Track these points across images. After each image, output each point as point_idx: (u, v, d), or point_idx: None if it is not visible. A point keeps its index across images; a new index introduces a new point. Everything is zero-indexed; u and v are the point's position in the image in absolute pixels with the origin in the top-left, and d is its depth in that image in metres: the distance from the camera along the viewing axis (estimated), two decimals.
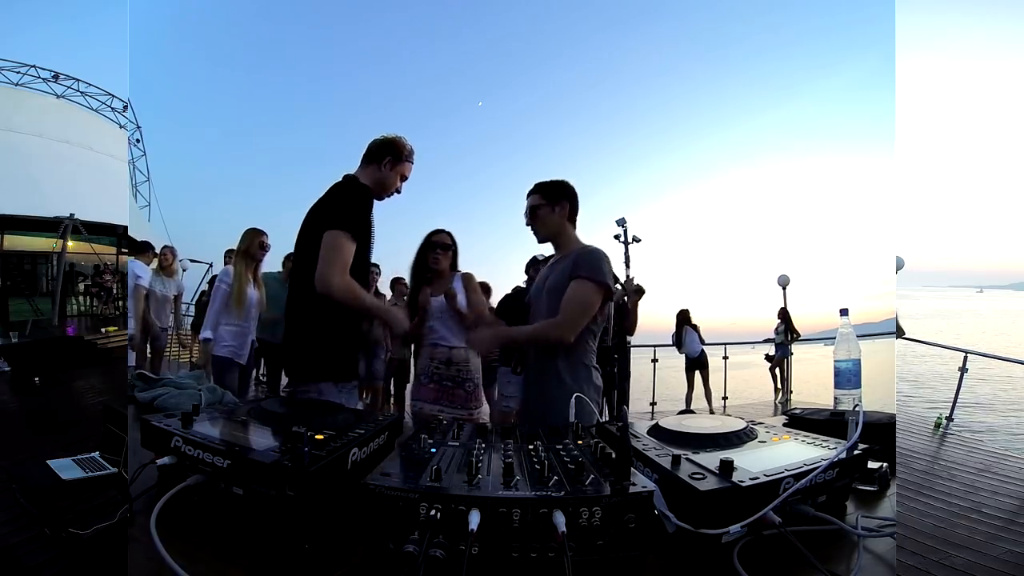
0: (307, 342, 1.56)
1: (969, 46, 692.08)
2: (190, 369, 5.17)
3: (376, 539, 0.62)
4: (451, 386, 2.30)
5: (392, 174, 1.67)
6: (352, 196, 1.59)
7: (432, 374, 2.32)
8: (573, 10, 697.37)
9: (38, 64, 13.47)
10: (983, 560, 2.20)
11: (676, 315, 6.23)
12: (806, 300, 6.65)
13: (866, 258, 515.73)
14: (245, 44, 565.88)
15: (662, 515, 0.71)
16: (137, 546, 0.69)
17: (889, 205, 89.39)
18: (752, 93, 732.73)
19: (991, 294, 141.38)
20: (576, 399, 1.27)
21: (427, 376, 2.32)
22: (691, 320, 6.21)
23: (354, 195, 1.59)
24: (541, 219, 1.72)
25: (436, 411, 2.25)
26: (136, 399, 1.60)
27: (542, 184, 1.73)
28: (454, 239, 2.44)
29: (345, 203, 1.56)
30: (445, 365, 2.30)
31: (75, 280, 12.49)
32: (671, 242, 59.44)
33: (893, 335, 5.56)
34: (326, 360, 1.55)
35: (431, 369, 2.32)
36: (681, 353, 6.22)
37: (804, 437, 0.96)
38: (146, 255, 4.15)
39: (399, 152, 1.67)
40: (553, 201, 1.70)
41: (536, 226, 1.74)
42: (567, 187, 1.73)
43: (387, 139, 1.69)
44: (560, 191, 1.71)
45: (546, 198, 1.71)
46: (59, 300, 10.90)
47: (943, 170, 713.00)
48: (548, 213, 1.70)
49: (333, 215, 1.53)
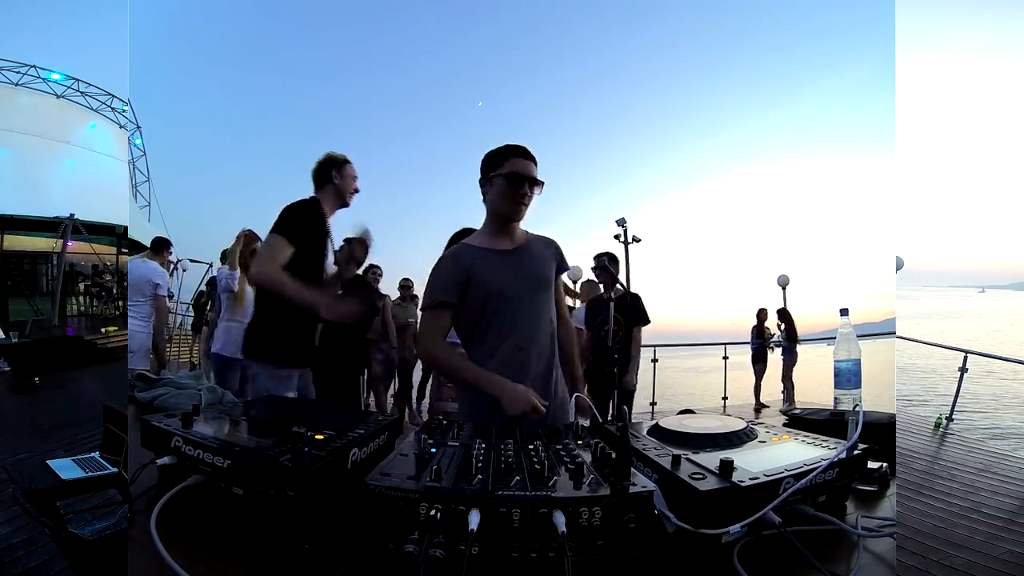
0: (251, 326, 1.89)
1: (969, 46, 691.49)
2: (190, 369, 5.17)
3: (376, 539, 0.62)
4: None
5: (344, 181, 1.93)
6: (291, 208, 1.84)
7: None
8: (573, 10, 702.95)
9: (38, 64, 13.48)
10: (983, 560, 2.20)
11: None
12: (806, 300, 6.61)
13: (866, 258, 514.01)
14: (245, 44, 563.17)
15: (662, 515, 0.71)
16: (137, 546, 0.69)
17: (889, 205, 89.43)
18: (752, 93, 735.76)
19: (992, 294, 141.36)
20: (576, 399, 1.27)
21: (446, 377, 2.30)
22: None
23: (293, 208, 1.84)
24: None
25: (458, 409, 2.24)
26: (136, 399, 1.61)
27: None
28: None
29: (285, 213, 1.82)
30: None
31: (75, 280, 12.49)
32: (671, 242, 58.12)
33: (893, 335, 5.55)
34: (259, 342, 1.83)
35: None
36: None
37: (804, 437, 0.96)
38: (162, 255, 3.92)
39: (338, 162, 1.93)
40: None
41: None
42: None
43: (323, 158, 1.94)
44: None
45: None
46: (59, 300, 10.90)
47: (943, 170, 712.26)
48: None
49: (275, 223, 1.80)
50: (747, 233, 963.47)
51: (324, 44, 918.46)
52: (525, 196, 1.45)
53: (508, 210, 1.46)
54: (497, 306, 1.44)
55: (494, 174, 1.45)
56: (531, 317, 1.48)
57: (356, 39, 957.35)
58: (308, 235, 1.82)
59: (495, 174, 1.45)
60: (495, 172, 1.45)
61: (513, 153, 1.45)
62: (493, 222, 1.51)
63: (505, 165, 1.44)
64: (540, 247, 1.55)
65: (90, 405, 4.68)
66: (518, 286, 1.46)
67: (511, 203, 1.45)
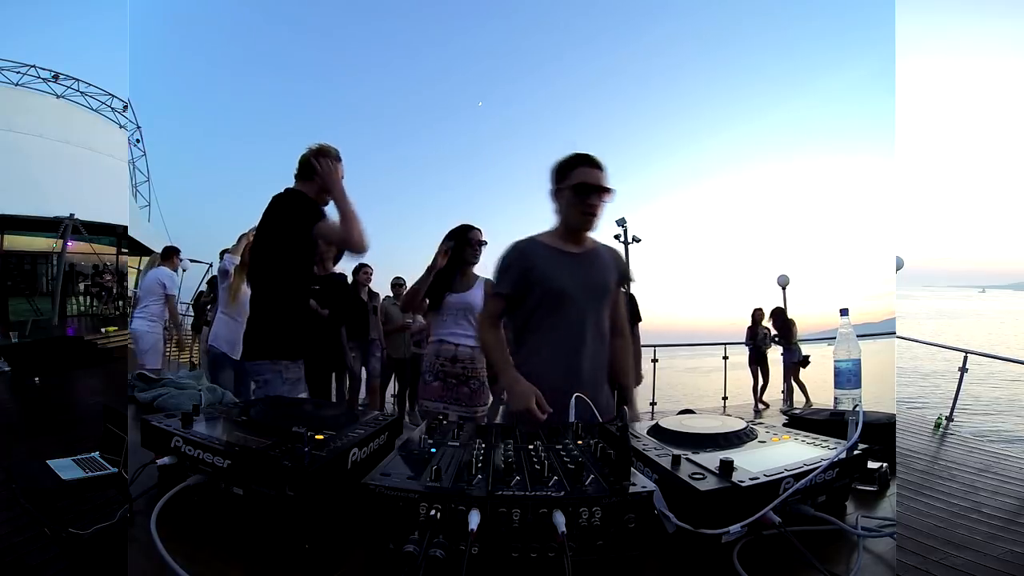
0: (250, 324, 1.83)
1: (969, 46, 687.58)
2: (190, 369, 5.18)
3: (376, 539, 0.62)
4: (455, 383, 2.29)
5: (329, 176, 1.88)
6: (292, 203, 1.80)
7: (437, 372, 2.30)
8: (574, 10, 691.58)
9: (38, 64, 13.49)
10: (983, 560, 2.20)
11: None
12: (806, 300, 6.57)
13: (866, 258, 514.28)
14: (245, 44, 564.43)
15: (662, 515, 0.71)
16: (137, 546, 0.69)
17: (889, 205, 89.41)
18: (753, 93, 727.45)
19: (992, 294, 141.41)
20: (576, 399, 1.27)
21: (432, 374, 2.31)
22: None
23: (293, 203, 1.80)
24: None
25: (441, 408, 2.23)
26: (136, 399, 1.60)
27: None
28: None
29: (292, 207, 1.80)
30: (451, 362, 2.29)
31: (75, 280, 12.49)
32: (671, 242, 58.09)
33: (893, 335, 5.55)
34: (260, 339, 1.80)
35: (437, 367, 2.30)
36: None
37: (804, 437, 0.96)
38: (171, 260, 4.29)
39: (328, 155, 1.85)
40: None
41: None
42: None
43: (314, 149, 1.85)
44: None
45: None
46: (59, 300, 10.90)
47: (943, 170, 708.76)
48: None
49: (288, 217, 1.78)
50: (747, 233, 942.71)
51: (324, 44, 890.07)
52: (595, 207, 1.43)
53: (578, 222, 1.45)
54: (554, 305, 1.44)
55: (562, 186, 1.44)
56: (586, 321, 1.47)
57: (356, 39, 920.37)
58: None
59: (563, 186, 1.43)
60: (563, 184, 1.43)
61: (580, 163, 1.43)
62: (564, 230, 1.50)
63: (572, 176, 1.42)
64: (606, 256, 1.55)
65: (90, 405, 4.69)
66: (577, 289, 1.45)
67: (580, 215, 1.43)
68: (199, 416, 0.91)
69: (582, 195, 1.41)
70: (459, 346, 2.30)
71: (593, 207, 1.43)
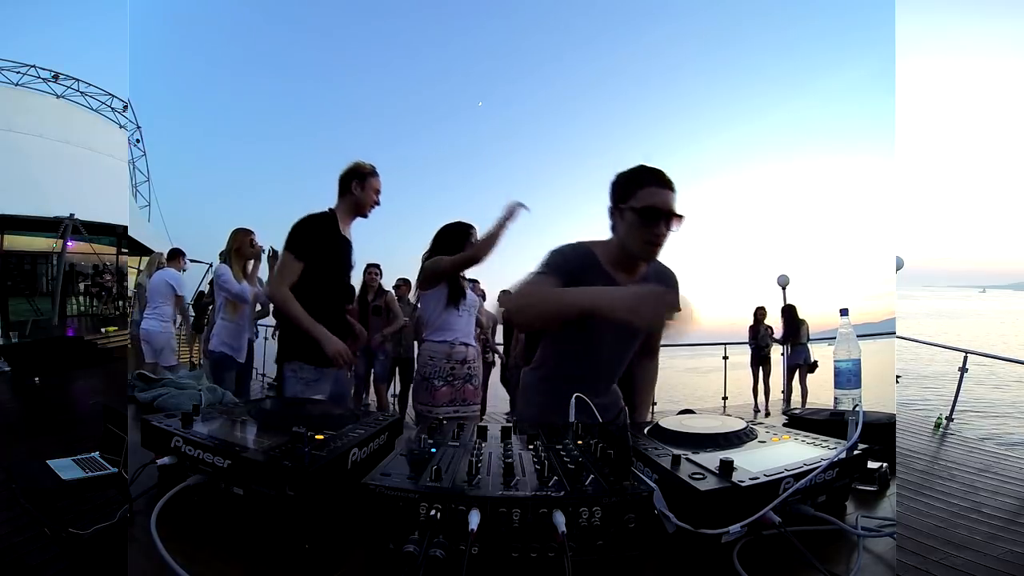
0: (282, 330, 1.98)
1: (969, 46, 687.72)
2: (190, 369, 5.18)
3: (376, 539, 0.62)
4: (461, 383, 2.28)
5: (365, 193, 1.98)
6: (299, 224, 1.91)
7: (446, 375, 2.24)
8: (574, 10, 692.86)
9: (38, 64, 13.48)
10: (983, 560, 2.20)
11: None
12: (806, 300, 6.53)
13: (866, 258, 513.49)
14: (245, 44, 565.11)
15: (662, 515, 0.71)
16: (137, 546, 0.69)
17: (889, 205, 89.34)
18: (753, 94, 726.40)
19: (993, 294, 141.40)
20: (576, 399, 1.27)
21: (441, 378, 2.24)
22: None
23: (301, 223, 1.91)
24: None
25: (450, 413, 2.21)
26: (136, 399, 1.60)
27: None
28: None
29: (293, 230, 1.91)
30: (460, 364, 2.28)
31: (75, 280, 12.49)
32: (671, 242, 59.64)
33: (893, 335, 5.55)
34: (294, 344, 1.90)
35: (447, 369, 2.24)
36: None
37: (804, 437, 0.96)
38: (177, 261, 4.39)
39: (362, 173, 1.97)
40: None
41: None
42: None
43: (349, 168, 1.98)
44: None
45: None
46: (59, 300, 10.90)
47: (943, 170, 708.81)
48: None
49: (286, 240, 1.90)
50: (747, 233, 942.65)
51: (324, 44, 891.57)
52: (661, 237, 1.23)
53: (640, 250, 1.26)
54: (588, 337, 1.30)
55: (624, 205, 1.24)
56: (614, 351, 1.38)
57: (356, 39, 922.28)
58: (318, 248, 1.89)
59: (625, 205, 1.24)
60: (625, 203, 1.24)
61: (649, 181, 1.23)
62: (620, 253, 1.30)
63: (639, 196, 1.22)
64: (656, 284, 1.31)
65: (90, 405, 4.69)
66: (619, 328, 1.27)
67: (643, 243, 1.24)
68: (199, 416, 0.91)
69: (648, 221, 1.21)
70: (469, 346, 2.31)
71: (660, 236, 1.23)
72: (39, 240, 11.54)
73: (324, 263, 1.92)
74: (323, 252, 1.92)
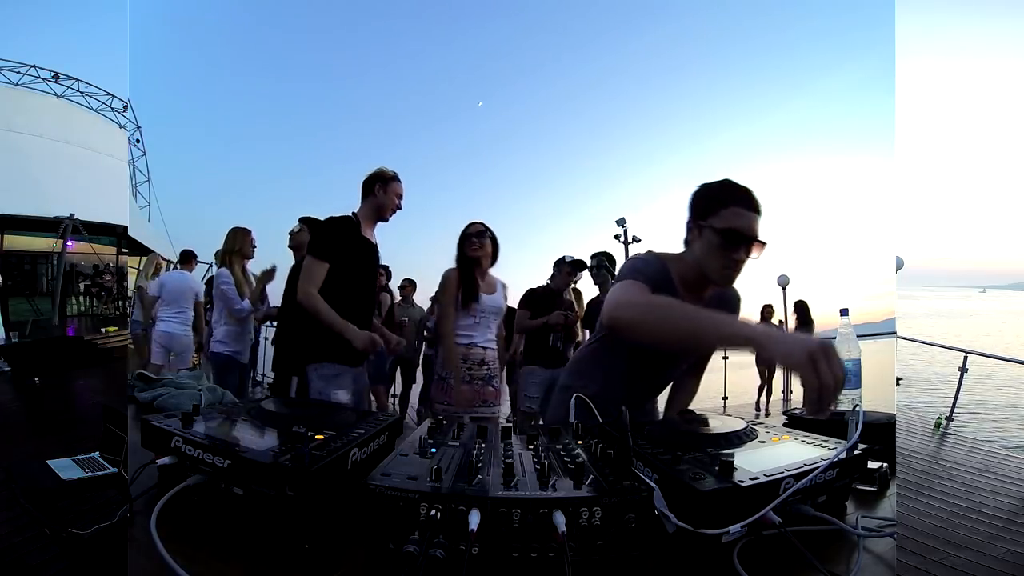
0: (306, 331, 1.93)
1: (969, 46, 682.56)
2: (190, 369, 5.19)
3: (376, 539, 0.62)
4: (481, 384, 2.29)
5: (387, 197, 2.02)
6: (324, 227, 1.97)
7: (464, 376, 2.25)
8: (574, 11, 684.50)
9: (38, 64, 13.48)
10: (983, 560, 2.20)
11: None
12: (806, 300, 6.51)
13: (866, 258, 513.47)
14: (245, 44, 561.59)
15: (662, 515, 0.71)
16: (137, 546, 0.69)
17: (889, 205, 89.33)
18: (753, 94, 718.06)
19: (993, 294, 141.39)
20: (576, 399, 1.27)
21: (463, 379, 2.25)
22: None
23: (326, 226, 1.97)
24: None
25: (472, 413, 2.21)
26: (136, 399, 1.60)
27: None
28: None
29: (315, 232, 1.95)
30: (479, 365, 2.29)
31: (75, 280, 12.49)
32: (671, 242, 59.15)
33: (893, 335, 5.55)
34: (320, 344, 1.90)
35: (464, 371, 2.25)
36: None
37: (804, 437, 0.97)
38: (190, 264, 4.45)
39: (384, 178, 2.02)
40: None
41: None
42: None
43: (372, 172, 2.04)
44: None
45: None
46: (59, 300, 10.90)
47: (943, 170, 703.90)
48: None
49: (310, 243, 1.96)
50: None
51: (324, 45, 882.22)
52: (739, 263, 1.15)
53: (716, 275, 1.18)
54: (646, 356, 1.24)
55: (705, 223, 1.16)
56: (665, 376, 1.37)
57: (356, 40, 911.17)
58: (341, 250, 1.92)
59: (706, 224, 1.15)
60: (707, 220, 1.15)
61: (735, 200, 1.13)
62: (694, 273, 1.21)
63: (722, 215, 1.13)
64: (717, 305, 1.23)
65: (90, 405, 4.69)
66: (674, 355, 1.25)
67: (721, 268, 1.16)
68: (199, 416, 0.91)
69: (729, 245, 1.12)
70: (487, 349, 2.32)
71: (738, 263, 1.15)
72: (39, 240, 11.55)
73: (348, 265, 1.93)
74: (346, 254, 1.93)
